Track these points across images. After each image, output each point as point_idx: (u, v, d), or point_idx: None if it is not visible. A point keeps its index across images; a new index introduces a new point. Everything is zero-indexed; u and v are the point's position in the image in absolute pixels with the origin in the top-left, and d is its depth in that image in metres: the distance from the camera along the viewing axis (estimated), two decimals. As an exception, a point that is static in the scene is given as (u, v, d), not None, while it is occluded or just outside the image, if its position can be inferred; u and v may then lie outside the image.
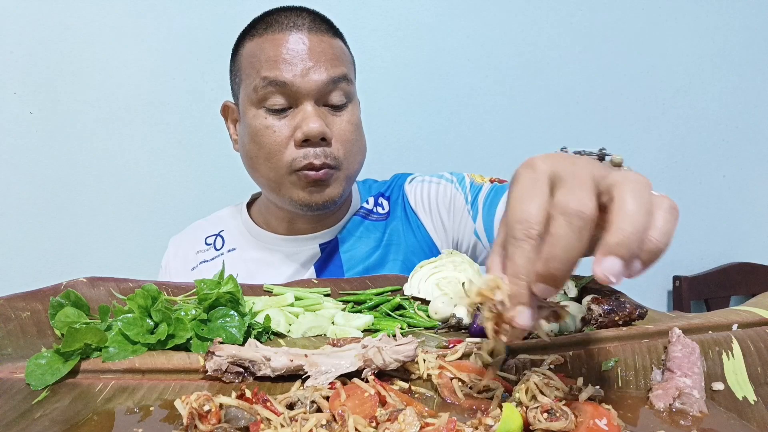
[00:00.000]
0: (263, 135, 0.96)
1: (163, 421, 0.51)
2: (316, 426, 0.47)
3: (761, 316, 0.67)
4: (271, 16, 1.00)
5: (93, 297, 0.72)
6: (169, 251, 1.18)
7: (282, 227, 1.10)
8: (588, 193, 0.43)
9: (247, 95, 0.98)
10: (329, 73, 0.96)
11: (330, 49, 0.98)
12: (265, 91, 0.95)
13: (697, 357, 0.59)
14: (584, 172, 0.45)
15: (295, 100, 0.96)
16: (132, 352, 0.60)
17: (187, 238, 1.18)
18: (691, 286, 1.95)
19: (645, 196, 0.43)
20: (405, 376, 0.58)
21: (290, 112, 0.96)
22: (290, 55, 0.95)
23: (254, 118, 0.97)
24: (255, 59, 0.97)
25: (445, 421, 0.46)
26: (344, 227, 1.11)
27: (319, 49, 0.96)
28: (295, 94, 0.95)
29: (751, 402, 0.58)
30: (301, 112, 0.95)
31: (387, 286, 0.86)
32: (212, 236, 1.16)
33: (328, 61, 0.96)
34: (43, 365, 0.57)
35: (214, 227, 1.17)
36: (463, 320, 0.72)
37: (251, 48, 0.99)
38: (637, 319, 0.68)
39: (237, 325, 0.66)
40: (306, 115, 0.95)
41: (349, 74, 1.00)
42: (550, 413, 0.47)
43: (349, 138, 1.00)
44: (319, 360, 0.57)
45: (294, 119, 0.96)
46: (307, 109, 0.95)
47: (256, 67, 0.96)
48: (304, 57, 0.95)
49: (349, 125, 1.00)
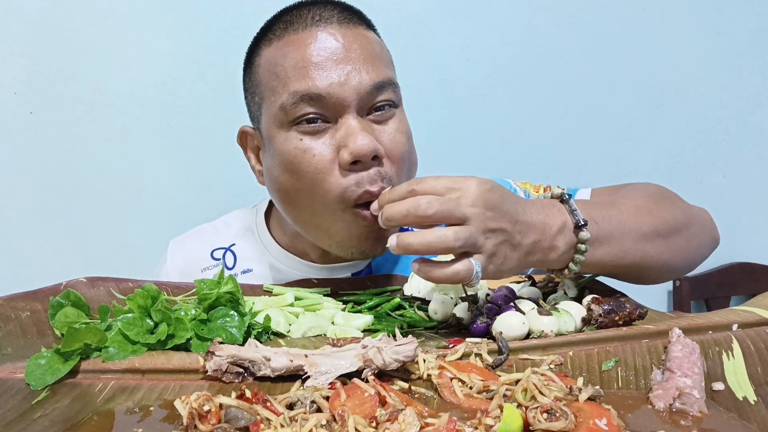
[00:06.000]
0: (301, 162, 0.77)
1: (163, 421, 0.51)
2: (316, 426, 0.47)
3: (761, 316, 0.67)
4: (289, 13, 0.82)
5: (93, 297, 0.72)
6: (168, 264, 1.01)
7: (312, 253, 0.93)
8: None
9: (272, 116, 0.80)
10: (372, 77, 0.78)
11: (368, 44, 0.81)
12: (297, 109, 0.77)
13: (698, 357, 0.59)
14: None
15: (334, 113, 0.78)
16: (132, 352, 0.60)
17: (190, 250, 1.01)
18: (691, 286, 1.95)
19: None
20: (405, 376, 0.58)
21: (329, 128, 0.78)
22: (321, 58, 0.77)
23: (285, 143, 0.79)
24: (278, 69, 0.79)
25: (445, 421, 0.46)
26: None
27: (355, 45, 0.79)
28: (334, 106, 0.77)
29: (751, 402, 0.58)
30: (344, 127, 0.77)
31: (387, 286, 0.86)
32: (221, 250, 0.99)
33: (368, 60, 0.79)
34: (43, 365, 0.57)
35: (223, 238, 1.00)
36: (463, 320, 0.72)
37: (270, 55, 0.81)
38: (637, 319, 0.68)
39: (237, 325, 0.66)
40: (351, 130, 0.76)
41: (393, 77, 0.83)
42: (550, 413, 0.47)
43: (402, 151, 0.81)
44: (319, 360, 0.57)
45: (334, 137, 0.78)
46: (350, 123, 0.77)
47: (281, 79, 0.78)
48: (338, 57, 0.77)
49: (401, 135, 0.81)
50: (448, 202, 0.63)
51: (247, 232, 1.00)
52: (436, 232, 0.63)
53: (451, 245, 0.62)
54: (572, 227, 0.69)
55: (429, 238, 0.63)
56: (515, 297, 0.73)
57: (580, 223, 0.69)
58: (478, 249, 0.64)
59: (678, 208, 0.84)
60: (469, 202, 0.63)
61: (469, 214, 0.63)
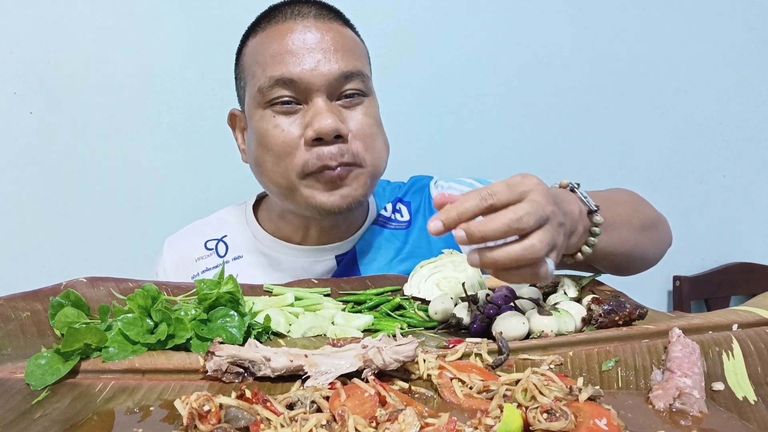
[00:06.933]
0: (270, 136, 0.88)
1: (163, 421, 0.51)
2: (316, 426, 0.47)
3: (761, 316, 0.67)
4: (275, 10, 0.94)
5: (93, 297, 0.72)
6: (165, 257, 1.07)
7: (296, 235, 1.01)
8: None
9: (252, 97, 0.91)
10: (340, 66, 0.88)
11: (340, 38, 0.90)
12: (272, 91, 0.87)
13: (698, 357, 0.59)
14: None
15: (305, 96, 0.88)
16: (132, 352, 0.60)
17: (185, 243, 1.08)
18: (691, 286, 1.95)
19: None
20: (405, 376, 0.58)
21: (300, 109, 0.89)
22: (296, 46, 0.87)
23: (260, 120, 0.89)
24: (259, 56, 0.90)
25: (445, 421, 0.46)
26: (362, 237, 1.02)
27: (327, 37, 0.89)
28: (305, 90, 0.87)
29: (751, 402, 0.58)
30: (312, 109, 0.87)
31: (387, 286, 0.86)
32: (213, 241, 1.06)
33: (338, 51, 0.88)
34: (43, 365, 0.57)
35: (215, 231, 1.07)
36: (463, 320, 0.72)
37: (254, 45, 0.92)
38: (637, 319, 0.68)
39: (237, 325, 0.66)
40: (317, 111, 0.86)
41: (363, 69, 0.92)
42: (550, 413, 0.47)
43: (369, 132, 0.91)
44: (319, 360, 0.57)
45: (304, 117, 0.88)
46: (318, 105, 0.87)
47: (260, 65, 0.89)
48: (311, 47, 0.87)
49: (367, 118, 0.91)
50: (537, 208, 0.61)
51: (237, 223, 1.08)
52: (523, 244, 0.61)
53: (540, 255, 0.61)
54: (586, 213, 0.73)
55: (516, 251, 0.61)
56: (515, 297, 0.73)
57: (592, 209, 0.73)
58: (556, 247, 0.65)
59: (651, 207, 0.93)
60: (544, 202, 0.63)
61: (548, 214, 0.63)
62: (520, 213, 0.60)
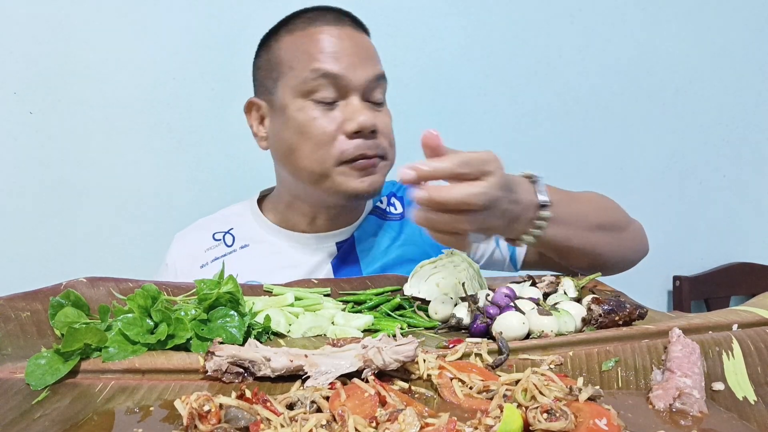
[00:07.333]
0: (311, 126, 0.96)
1: (163, 421, 0.51)
2: (316, 426, 0.47)
3: (761, 316, 0.68)
4: (311, 12, 1.02)
5: (93, 297, 0.72)
6: (174, 249, 1.15)
7: (302, 223, 1.09)
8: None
9: (291, 87, 0.98)
10: (374, 70, 0.99)
11: (370, 47, 1.02)
12: (316, 83, 0.95)
13: (698, 357, 0.59)
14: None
15: (343, 93, 0.97)
16: (132, 352, 0.60)
17: (193, 236, 1.15)
18: (691, 286, 1.95)
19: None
20: (405, 376, 0.58)
21: (337, 105, 0.97)
22: (338, 49, 0.97)
23: (300, 110, 0.97)
24: (301, 52, 0.97)
25: (445, 421, 0.46)
26: (360, 226, 1.11)
27: (363, 46, 1.00)
28: (345, 87, 0.96)
29: (751, 402, 0.58)
30: (350, 105, 0.96)
31: (387, 286, 0.86)
32: (221, 233, 1.13)
33: (370, 58, 1.00)
34: (43, 365, 0.57)
35: (221, 224, 1.15)
36: (463, 320, 0.72)
37: (293, 41, 0.99)
38: (637, 319, 0.68)
39: (237, 325, 0.66)
40: (357, 108, 0.96)
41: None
42: (550, 413, 0.47)
43: (390, 131, 1.03)
44: (319, 360, 0.57)
45: (342, 112, 0.97)
46: (355, 103, 0.97)
47: (302, 59, 0.97)
48: (351, 52, 0.97)
49: (388, 119, 1.03)
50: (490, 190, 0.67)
51: (243, 216, 1.15)
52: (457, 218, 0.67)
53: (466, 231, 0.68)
54: (536, 205, 0.77)
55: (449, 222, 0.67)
56: (515, 297, 0.73)
57: (544, 203, 0.77)
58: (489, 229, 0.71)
59: (620, 212, 0.99)
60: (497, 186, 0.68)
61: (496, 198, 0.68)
62: (475, 191, 0.65)
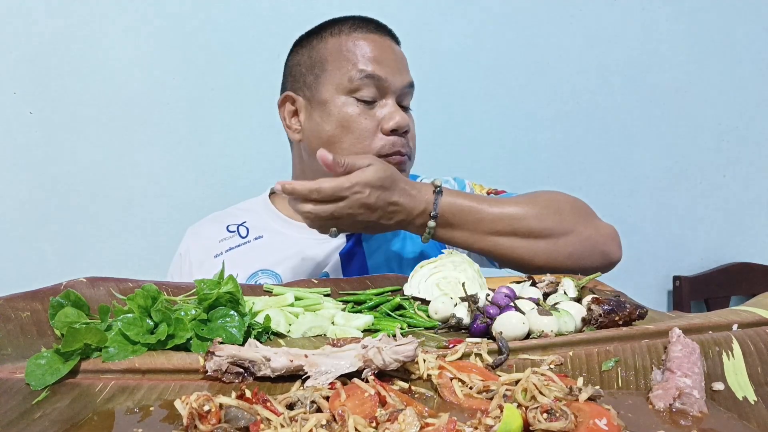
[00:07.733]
0: (354, 121, 1.05)
1: (163, 421, 0.51)
2: (316, 426, 0.47)
3: (761, 316, 0.67)
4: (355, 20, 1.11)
5: (93, 297, 0.72)
6: (187, 240, 1.20)
7: None
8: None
9: (336, 84, 1.07)
10: (408, 78, 1.10)
11: (405, 58, 1.14)
12: (360, 83, 1.05)
13: (698, 357, 0.59)
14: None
15: (382, 94, 1.07)
16: (132, 352, 0.60)
17: (206, 228, 1.20)
18: (691, 286, 1.95)
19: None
20: (405, 376, 0.58)
21: (375, 105, 1.07)
22: (383, 56, 1.07)
23: (344, 106, 1.06)
24: (349, 53, 1.07)
25: (445, 421, 0.46)
26: None
27: (400, 56, 1.12)
28: (385, 89, 1.06)
29: (751, 402, 0.58)
30: (387, 106, 1.07)
31: (387, 286, 0.86)
32: (234, 225, 1.19)
33: (405, 67, 1.12)
34: (43, 365, 0.57)
35: (234, 218, 1.20)
36: (463, 320, 0.72)
37: (339, 43, 1.08)
38: (637, 319, 0.68)
39: (237, 325, 0.66)
40: (394, 109, 1.06)
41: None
42: (550, 413, 0.47)
43: (414, 135, 1.13)
44: (319, 360, 0.57)
45: (380, 111, 1.06)
46: (392, 104, 1.07)
47: (350, 60, 1.06)
48: (391, 60, 1.08)
49: (413, 124, 1.13)
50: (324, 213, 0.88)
51: (255, 210, 1.22)
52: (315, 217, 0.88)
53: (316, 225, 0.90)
54: (428, 213, 0.93)
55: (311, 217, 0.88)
56: (515, 297, 0.73)
57: (432, 213, 0.92)
58: (344, 225, 0.90)
59: (558, 220, 0.99)
60: (341, 209, 0.87)
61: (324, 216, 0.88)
62: (307, 208, 0.87)
